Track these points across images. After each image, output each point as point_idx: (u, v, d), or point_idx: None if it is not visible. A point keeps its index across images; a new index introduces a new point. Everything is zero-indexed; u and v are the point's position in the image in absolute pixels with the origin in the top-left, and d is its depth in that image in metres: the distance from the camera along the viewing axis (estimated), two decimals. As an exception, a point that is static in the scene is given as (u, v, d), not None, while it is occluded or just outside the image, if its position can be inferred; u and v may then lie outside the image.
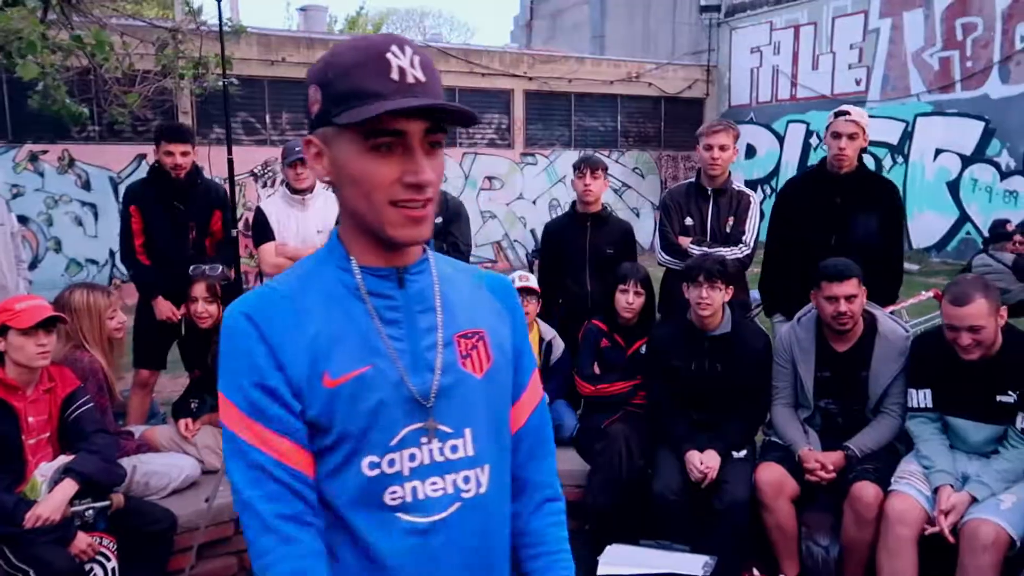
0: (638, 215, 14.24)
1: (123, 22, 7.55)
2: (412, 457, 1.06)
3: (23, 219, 9.79)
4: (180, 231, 3.99)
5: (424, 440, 1.07)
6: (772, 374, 3.23)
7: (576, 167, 3.87)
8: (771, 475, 2.98)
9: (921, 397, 2.92)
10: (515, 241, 13.50)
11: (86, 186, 10.43)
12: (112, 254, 10.60)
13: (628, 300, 3.45)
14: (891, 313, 3.34)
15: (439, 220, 4.12)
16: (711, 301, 3.14)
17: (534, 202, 13.64)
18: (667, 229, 3.76)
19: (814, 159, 13.13)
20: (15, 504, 2.48)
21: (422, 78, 1.00)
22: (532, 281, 3.57)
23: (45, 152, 10.12)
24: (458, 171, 12.91)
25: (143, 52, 7.29)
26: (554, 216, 13.92)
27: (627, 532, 3.09)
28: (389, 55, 0.99)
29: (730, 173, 3.77)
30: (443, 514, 1.08)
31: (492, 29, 63.35)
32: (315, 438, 1.05)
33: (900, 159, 12.50)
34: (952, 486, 2.71)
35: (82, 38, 4.53)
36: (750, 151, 14.68)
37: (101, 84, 6.64)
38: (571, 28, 20.29)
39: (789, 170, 13.73)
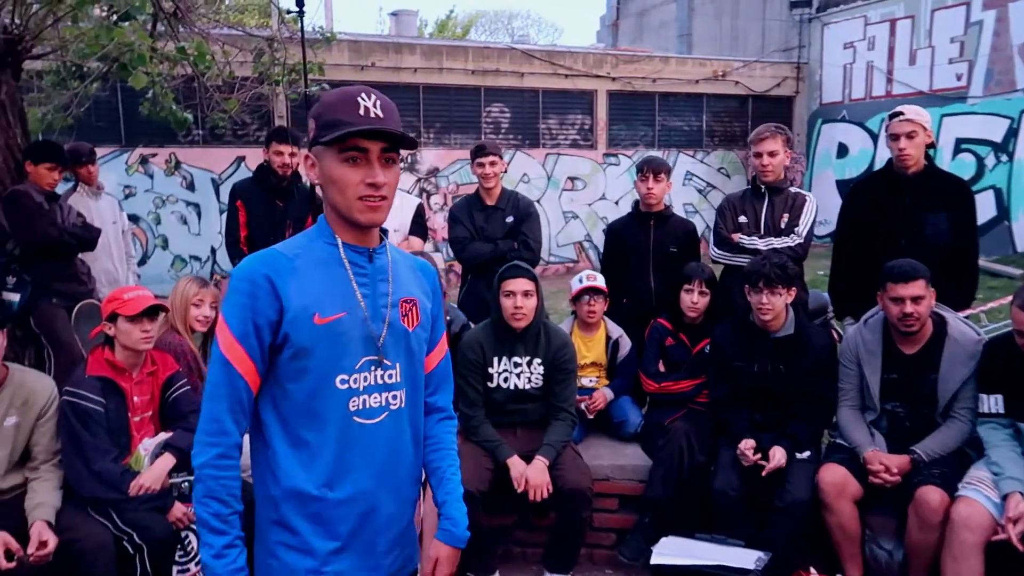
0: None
1: (224, 32, 8.01)
2: (365, 379, 1.56)
3: (134, 218, 10.53)
4: (278, 227, 4.29)
5: (373, 368, 1.57)
6: (838, 376, 3.22)
7: (639, 169, 3.93)
8: (834, 476, 2.98)
9: (992, 402, 2.86)
10: (595, 242, 13.54)
11: (190, 187, 11.10)
12: (213, 251, 11.25)
13: (693, 300, 3.50)
14: (967, 317, 3.27)
15: (510, 219, 4.25)
16: (772, 306, 3.16)
17: (616, 202, 13.63)
18: (720, 227, 3.82)
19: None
20: (121, 474, 2.76)
21: (381, 115, 1.49)
22: (600, 280, 3.65)
23: (154, 155, 10.82)
24: (540, 171, 13.05)
25: (242, 60, 7.72)
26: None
27: (686, 526, 3.15)
28: (359, 99, 1.49)
29: (786, 174, 3.80)
30: (378, 419, 1.59)
31: (579, 29, 63.18)
32: (302, 359, 1.51)
33: (1004, 157, 11.86)
34: (1022, 493, 2.65)
35: (185, 49, 4.87)
36: (842, 150, 14.23)
37: (204, 91, 7.09)
38: (658, 27, 20.11)
39: (883, 169, 13.23)
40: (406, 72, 12.05)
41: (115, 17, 4.79)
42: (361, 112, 1.47)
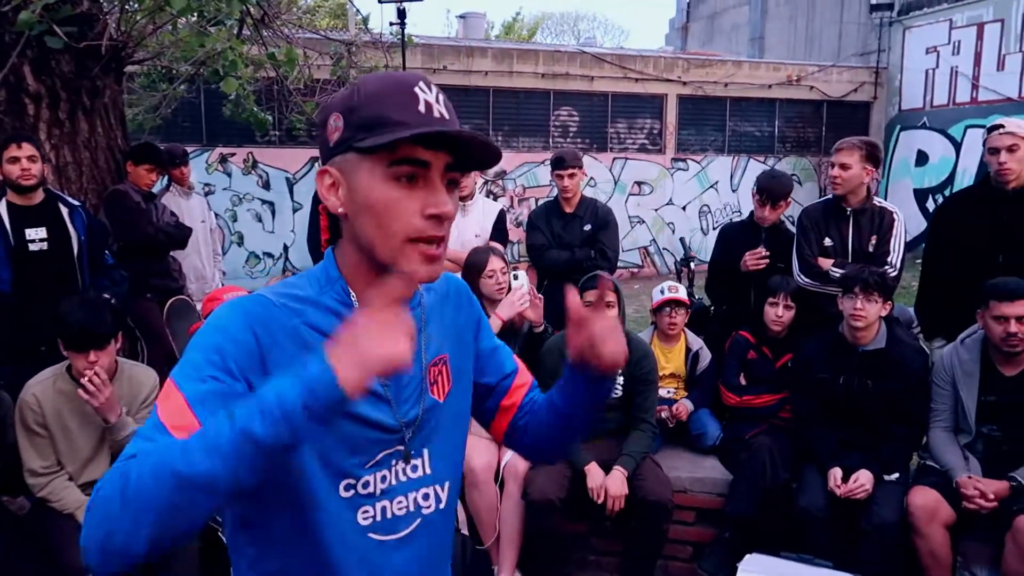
0: (793, 223, 13.70)
1: (305, 36, 8.24)
2: (383, 479, 1.10)
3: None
4: None
5: (395, 462, 1.11)
6: (931, 395, 3.12)
7: (758, 190, 3.87)
8: (925, 499, 2.89)
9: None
10: (664, 249, 13.39)
11: (266, 186, 11.41)
12: (286, 248, 11.55)
13: (777, 313, 3.44)
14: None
15: (588, 227, 4.26)
16: (866, 314, 3.08)
17: (684, 208, 13.48)
18: (805, 251, 3.63)
19: (995, 167, 12.11)
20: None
21: (447, 115, 1.02)
22: (681, 292, 3.63)
23: (233, 155, 11.17)
24: (607, 176, 12.99)
25: (320, 63, 7.94)
26: (704, 222, 13.46)
27: (768, 544, 3.10)
28: (416, 89, 1.01)
29: (870, 190, 3.60)
30: (407, 531, 1.13)
31: (647, 31, 62.69)
32: (288, 457, 0.94)
33: (1099, 168, 11.28)
34: None
35: (276, 55, 5.02)
36: (921, 158, 13.76)
37: (286, 94, 7.30)
38: (729, 30, 19.80)
39: (966, 179, 12.73)
40: (477, 75, 12.15)
41: (205, 22, 4.98)
42: (421, 108, 0.99)
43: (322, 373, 0.85)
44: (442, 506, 1.17)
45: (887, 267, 3.44)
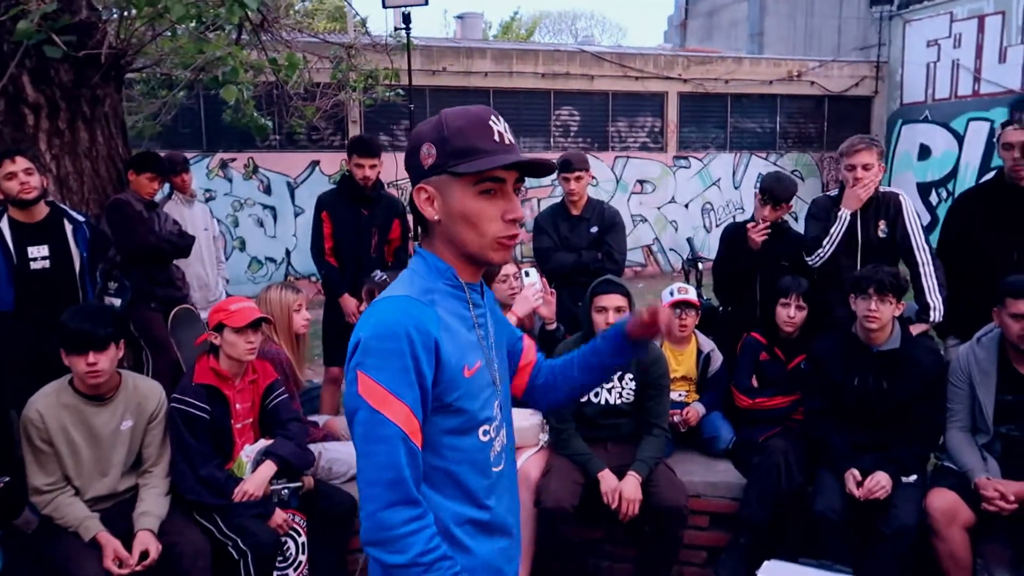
0: (796, 219, 13.65)
1: (304, 39, 8.20)
2: (498, 427, 1.46)
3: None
4: (364, 235, 4.37)
5: (497, 408, 1.46)
6: (947, 395, 3.08)
7: (761, 191, 3.83)
8: (944, 501, 2.85)
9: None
10: (671, 250, 13.33)
11: (267, 190, 11.38)
12: (288, 253, 11.52)
13: (789, 314, 3.40)
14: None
15: (595, 230, 4.22)
16: (880, 315, 3.03)
17: (686, 206, 13.43)
18: (813, 232, 3.62)
19: (999, 160, 12.06)
20: (225, 480, 2.83)
21: (512, 140, 1.37)
22: (691, 294, 3.58)
23: (233, 160, 11.14)
24: (609, 175, 12.95)
25: (319, 67, 7.90)
26: (707, 220, 13.41)
27: (783, 548, 3.06)
28: (490, 123, 1.34)
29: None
30: (503, 465, 1.49)
31: (644, 28, 62.61)
32: (447, 417, 1.36)
33: (1103, 159, 11.22)
34: None
35: (277, 60, 4.98)
36: (924, 152, 13.70)
37: (286, 99, 7.26)
38: (728, 26, 19.73)
39: (968, 172, 12.69)
40: (476, 76, 12.10)
41: (203, 28, 4.94)
42: (496, 138, 1.33)
43: None
44: (507, 441, 1.53)
45: (932, 312, 3.40)
